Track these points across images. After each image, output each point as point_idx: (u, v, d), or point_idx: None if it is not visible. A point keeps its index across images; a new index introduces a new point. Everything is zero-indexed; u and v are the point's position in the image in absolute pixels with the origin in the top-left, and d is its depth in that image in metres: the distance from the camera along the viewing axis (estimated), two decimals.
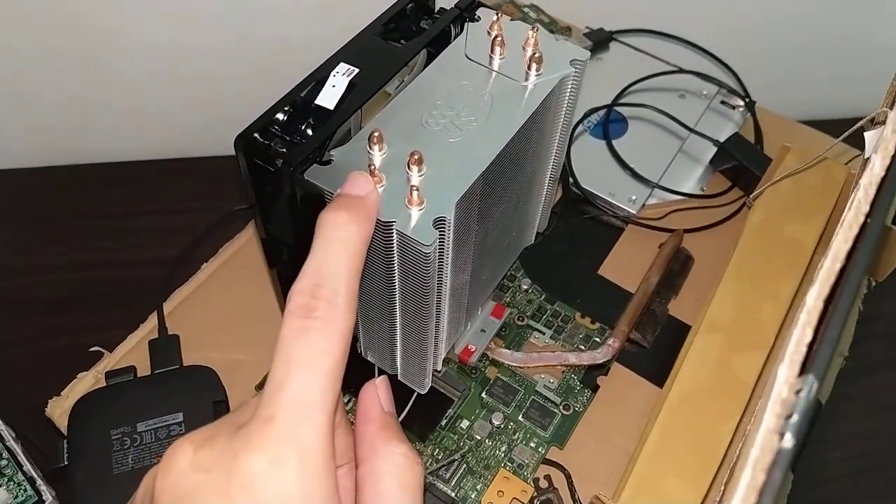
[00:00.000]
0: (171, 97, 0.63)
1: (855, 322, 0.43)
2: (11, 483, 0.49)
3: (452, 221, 0.27)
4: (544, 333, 0.42)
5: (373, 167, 0.27)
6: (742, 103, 0.50)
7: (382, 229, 0.26)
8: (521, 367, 0.40)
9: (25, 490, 0.48)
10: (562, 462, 0.37)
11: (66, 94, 0.61)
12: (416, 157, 0.27)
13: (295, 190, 0.28)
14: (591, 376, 0.40)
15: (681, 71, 0.51)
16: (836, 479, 0.52)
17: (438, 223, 0.26)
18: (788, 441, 0.14)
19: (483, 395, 0.39)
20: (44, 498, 0.49)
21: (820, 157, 0.36)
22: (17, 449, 0.50)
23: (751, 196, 0.40)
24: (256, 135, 0.28)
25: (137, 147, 0.66)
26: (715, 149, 0.48)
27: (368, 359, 0.37)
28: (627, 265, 0.45)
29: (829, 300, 0.18)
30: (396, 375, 0.36)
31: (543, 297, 0.43)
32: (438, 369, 0.37)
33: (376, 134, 0.27)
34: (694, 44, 0.53)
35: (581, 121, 0.49)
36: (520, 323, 0.42)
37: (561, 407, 0.39)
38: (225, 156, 0.63)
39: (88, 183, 0.65)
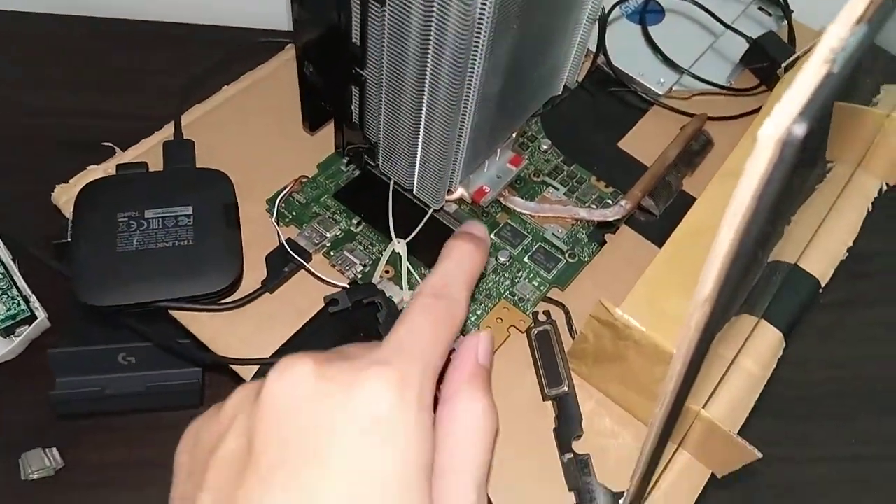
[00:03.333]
0: None
1: (862, 220, 0.43)
2: (6, 297, 0.48)
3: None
4: (558, 190, 0.42)
5: None
6: (781, 13, 0.50)
7: None
8: (531, 216, 0.40)
9: (19, 304, 0.48)
10: (562, 301, 0.37)
11: None
12: None
13: None
14: (598, 233, 0.40)
15: None
16: (815, 399, 0.52)
17: None
18: (836, 67, 0.14)
19: (492, 235, 0.39)
20: (36, 315, 0.49)
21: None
22: (14, 267, 0.49)
23: (783, 65, 0.40)
24: None
25: (163, 8, 0.65)
26: (746, 46, 0.48)
27: (385, 172, 0.37)
28: (647, 143, 0.45)
29: None
30: (412, 191, 0.36)
31: (561, 158, 0.43)
32: (453, 190, 0.37)
33: None
34: None
35: (619, 3, 0.49)
36: (535, 179, 0.42)
37: (567, 255, 0.39)
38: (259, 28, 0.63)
39: (109, 36, 0.64)
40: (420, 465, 0.20)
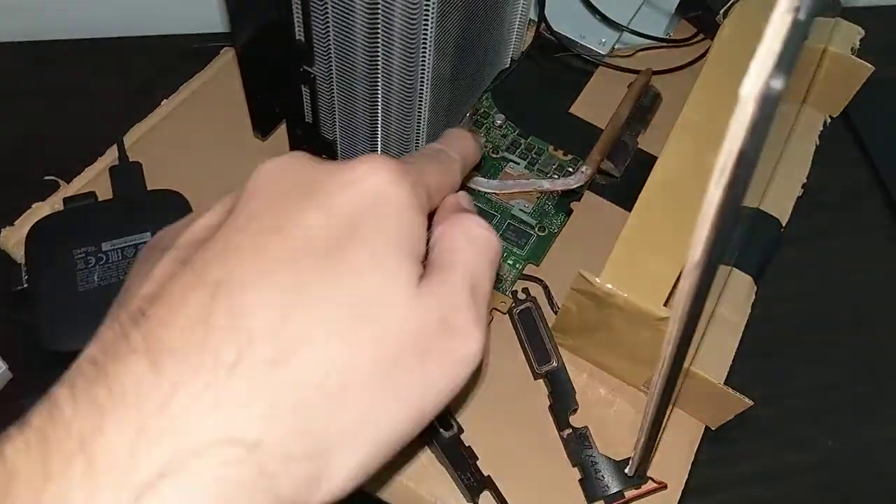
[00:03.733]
0: None
1: (812, 155, 0.44)
2: None
3: None
4: (519, 164, 0.42)
5: None
6: None
7: None
8: (496, 194, 0.40)
9: None
10: (539, 276, 0.37)
11: None
12: None
13: None
14: (564, 202, 0.40)
15: None
16: (783, 335, 0.53)
17: None
18: (802, 14, 0.15)
19: None
20: None
21: None
22: None
23: (721, 11, 0.40)
24: None
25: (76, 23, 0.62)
26: None
27: None
28: (598, 105, 0.45)
29: None
30: None
31: (517, 132, 0.43)
32: None
33: None
34: None
35: None
36: (494, 156, 0.42)
37: (536, 228, 0.39)
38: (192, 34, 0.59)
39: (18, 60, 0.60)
40: (408, 240, 0.19)
